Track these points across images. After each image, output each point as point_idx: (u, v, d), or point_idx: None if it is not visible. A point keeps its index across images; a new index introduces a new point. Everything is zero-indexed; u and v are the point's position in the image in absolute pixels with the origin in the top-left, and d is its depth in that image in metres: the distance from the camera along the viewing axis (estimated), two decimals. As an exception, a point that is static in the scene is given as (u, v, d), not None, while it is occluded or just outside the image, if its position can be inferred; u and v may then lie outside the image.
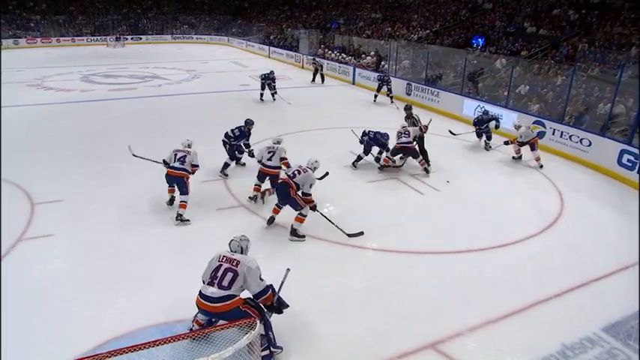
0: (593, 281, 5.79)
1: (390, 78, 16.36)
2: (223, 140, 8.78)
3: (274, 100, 15.92)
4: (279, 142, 7.77)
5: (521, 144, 10.03)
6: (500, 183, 9.25)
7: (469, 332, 4.76)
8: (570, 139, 10.71)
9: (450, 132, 11.60)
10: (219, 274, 4.10)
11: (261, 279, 4.21)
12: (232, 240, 4.44)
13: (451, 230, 7.06)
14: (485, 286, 5.68)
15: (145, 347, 2.83)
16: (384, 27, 26.44)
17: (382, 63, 19.82)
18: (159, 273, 5.72)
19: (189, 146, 7.45)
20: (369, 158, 9.62)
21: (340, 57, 23.13)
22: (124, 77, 20.55)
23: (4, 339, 4.41)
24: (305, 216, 6.54)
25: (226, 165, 8.79)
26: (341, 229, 6.61)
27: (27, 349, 4.40)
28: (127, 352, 2.79)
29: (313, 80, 20.14)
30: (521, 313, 5.11)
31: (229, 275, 4.09)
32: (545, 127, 11.36)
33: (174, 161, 7.14)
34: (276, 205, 6.89)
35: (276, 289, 4.36)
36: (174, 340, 2.96)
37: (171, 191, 7.44)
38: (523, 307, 5.20)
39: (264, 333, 4.06)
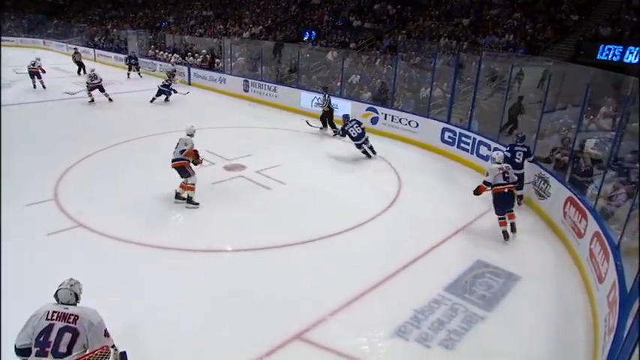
0: (433, 247, 6.28)
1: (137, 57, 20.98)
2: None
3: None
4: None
5: None
6: (342, 170, 9.46)
7: (331, 316, 4.79)
8: (400, 122, 11.53)
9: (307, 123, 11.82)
10: (53, 338, 3.13)
11: (106, 334, 3.36)
12: (60, 288, 3.38)
13: (301, 221, 7.03)
14: (340, 269, 5.77)
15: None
16: (217, 25, 25.89)
17: (217, 61, 19.39)
18: None
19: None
20: None
21: (173, 57, 22.02)
22: None
23: None
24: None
25: None
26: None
27: None
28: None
29: (79, 73, 19.99)
30: (375, 290, 5.27)
31: (67, 337, 3.16)
32: (377, 112, 12.04)
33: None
34: None
35: None
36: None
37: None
38: (376, 282, 5.37)
39: None
